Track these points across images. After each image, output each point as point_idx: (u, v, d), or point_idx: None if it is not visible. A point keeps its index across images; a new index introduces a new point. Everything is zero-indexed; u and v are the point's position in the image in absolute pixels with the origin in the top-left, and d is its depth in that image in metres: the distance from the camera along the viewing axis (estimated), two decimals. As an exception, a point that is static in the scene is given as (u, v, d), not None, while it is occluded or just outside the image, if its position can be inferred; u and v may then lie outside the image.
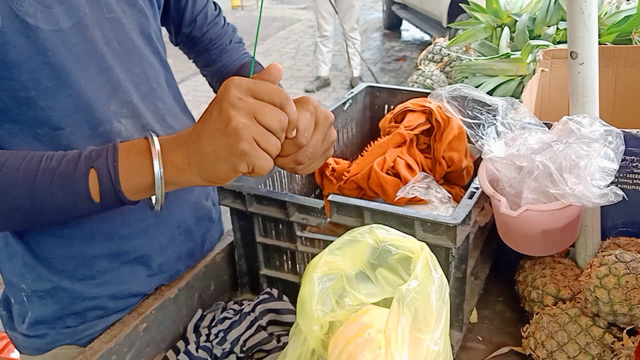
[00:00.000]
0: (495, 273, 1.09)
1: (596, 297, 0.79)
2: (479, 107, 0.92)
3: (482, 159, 0.90)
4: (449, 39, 1.79)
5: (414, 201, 1.08)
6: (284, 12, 9.34)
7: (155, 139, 0.69)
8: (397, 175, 1.14)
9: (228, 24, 1.11)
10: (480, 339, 0.96)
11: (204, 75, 1.12)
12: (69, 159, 0.69)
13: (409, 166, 1.15)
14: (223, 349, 0.86)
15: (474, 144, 0.91)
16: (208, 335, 0.89)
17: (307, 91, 5.92)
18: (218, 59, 1.08)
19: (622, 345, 0.79)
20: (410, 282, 0.61)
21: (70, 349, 0.86)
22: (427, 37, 6.44)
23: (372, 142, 1.25)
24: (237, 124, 0.63)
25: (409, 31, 7.56)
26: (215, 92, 1.11)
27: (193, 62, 1.12)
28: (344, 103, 1.31)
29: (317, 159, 0.76)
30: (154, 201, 0.71)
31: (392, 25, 7.76)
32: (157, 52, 0.91)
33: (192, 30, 1.05)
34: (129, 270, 0.88)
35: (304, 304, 0.68)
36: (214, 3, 1.10)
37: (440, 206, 1.02)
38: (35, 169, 0.68)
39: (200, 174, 0.67)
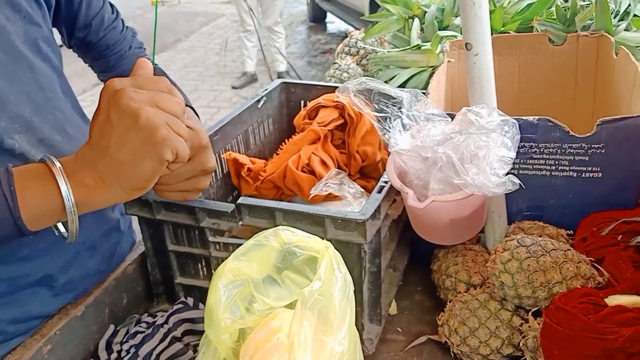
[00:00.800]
0: (413, 263, 1.11)
1: (501, 281, 0.82)
2: (385, 100, 0.93)
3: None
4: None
5: (330, 198, 1.08)
6: (207, 6, 9.15)
7: (54, 159, 0.65)
8: (312, 172, 1.13)
9: (127, 27, 1.06)
10: (400, 330, 0.98)
11: (101, 80, 1.07)
12: None
13: (323, 162, 1.14)
14: (135, 365, 0.83)
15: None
16: (119, 352, 0.86)
17: (233, 87, 5.84)
18: (117, 64, 1.02)
19: (529, 327, 0.82)
20: (314, 284, 0.60)
21: (-34, 379, 0.80)
22: (352, 30, 6.50)
23: (288, 139, 1.24)
24: (147, 114, 0.61)
25: (335, 23, 7.60)
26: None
27: (89, 66, 1.07)
28: (258, 101, 1.29)
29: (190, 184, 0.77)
30: (62, 230, 0.67)
31: (317, 18, 7.78)
32: (47, 58, 0.85)
33: (87, 34, 0.99)
34: (30, 292, 0.83)
35: (211, 313, 0.66)
36: (111, 5, 1.04)
37: (353, 201, 1.03)
38: None
39: (120, 185, 0.63)
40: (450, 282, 0.95)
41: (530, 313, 0.82)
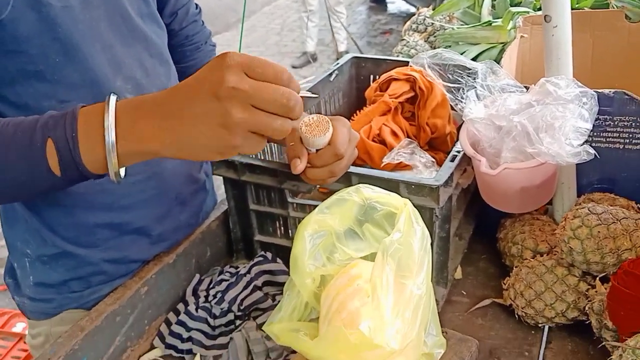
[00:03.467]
0: (478, 234, 1.14)
1: (570, 247, 0.84)
2: (459, 72, 0.96)
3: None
4: (433, 9, 1.82)
5: (400, 167, 1.13)
6: (268, -13, 9.23)
7: (112, 104, 0.63)
8: (383, 142, 1.17)
9: (205, 27, 1.13)
10: (465, 293, 1.02)
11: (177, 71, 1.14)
12: (25, 126, 0.64)
13: (394, 133, 1.18)
14: (221, 308, 0.91)
15: (457, 111, 0.95)
16: (207, 297, 0.94)
17: (294, 67, 5.91)
18: (192, 56, 1.09)
19: (596, 291, 0.84)
20: (394, 235, 0.66)
21: (77, 312, 0.90)
22: (412, 10, 6.42)
23: (358, 112, 1.28)
24: (233, 121, 0.59)
25: (395, 3, 7.52)
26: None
27: None
28: (330, 74, 1.34)
29: (342, 173, 0.80)
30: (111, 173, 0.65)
31: (378, -2, 7.71)
32: (155, 32, 0.94)
33: (172, 22, 1.05)
34: (130, 239, 0.92)
35: (296, 260, 0.72)
36: (196, 4, 1.12)
37: (424, 170, 1.07)
38: None
39: (169, 150, 0.63)
40: (517, 249, 0.98)
41: (597, 279, 0.84)
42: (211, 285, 0.96)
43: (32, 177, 0.64)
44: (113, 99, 0.64)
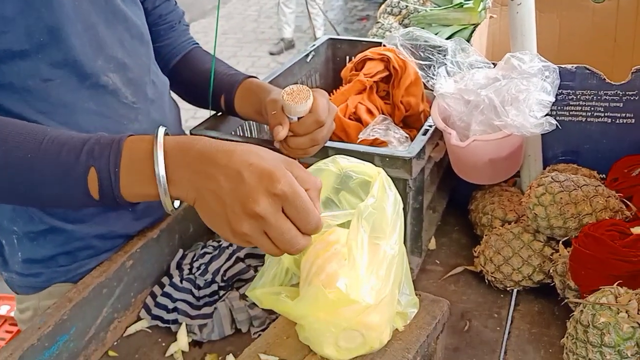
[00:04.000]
0: (451, 207, 1.19)
1: (535, 214, 0.89)
2: (430, 49, 1.00)
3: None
4: (407, -7, 1.85)
5: (375, 143, 1.17)
6: (244, -27, 9.16)
7: (160, 138, 0.64)
8: (359, 120, 1.21)
9: (178, 6, 1.13)
10: (438, 262, 1.07)
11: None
12: (70, 147, 0.67)
13: (369, 111, 1.22)
14: (205, 280, 0.94)
15: (430, 90, 0.99)
16: (190, 269, 0.97)
17: (271, 53, 5.90)
18: (166, 35, 1.09)
19: (559, 255, 0.89)
20: (368, 200, 0.69)
21: (64, 286, 0.93)
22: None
23: (335, 92, 1.32)
24: (240, 231, 0.61)
25: (372, -10, 7.54)
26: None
27: None
28: (307, 55, 1.37)
29: (323, 143, 0.84)
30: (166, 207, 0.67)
31: (355, -15, 7.71)
32: (136, 14, 0.96)
33: (145, 1, 1.05)
34: (116, 215, 0.95)
35: (277, 228, 0.76)
36: None
37: (399, 146, 1.11)
38: (35, 151, 0.66)
39: (192, 202, 0.64)
40: (487, 219, 1.03)
41: (560, 243, 0.89)
42: (195, 259, 0.99)
43: (69, 195, 0.68)
44: (161, 133, 0.65)
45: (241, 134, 1.14)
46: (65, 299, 0.84)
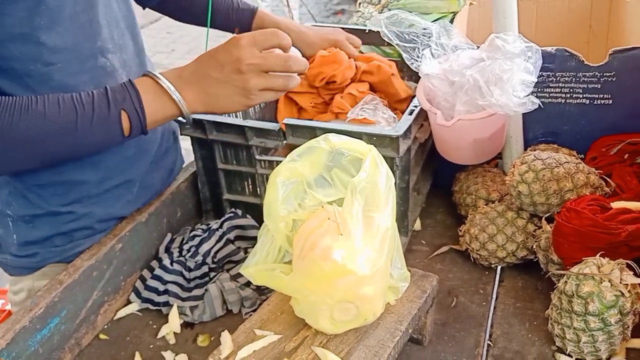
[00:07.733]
0: (435, 189, 1.21)
1: (519, 191, 0.92)
2: (415, 32, 1.02)
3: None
4: (386, -18, 1.87)
5: (364, 123, 1.18)
6: (218, -33, 9.07)
7: (160, 76, 0.81)
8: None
9: None
10: (424, 242, 1.09)
11: (153, 9, 1.16)
12: (99, 102, 0.78)
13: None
14: (196, 262, 0.94)
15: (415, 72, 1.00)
16: (180, 252, 0.97)
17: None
18: None
19: (542, 231, 0.92)
20: (361, 174, 0.71)
21: (58, 266, 0.92)
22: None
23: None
24: (252, 85, 0.81)
25: (346, -16, 7.55)
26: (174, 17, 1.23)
27: None
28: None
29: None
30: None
31: (329, -21, 7.72)
32: None
33: None
34: (112, 196, 0.95)
35: (270, 205, 0.76)
36: None
37: (386, 126, 1.12)
38: (74, 114, 0.77)
39: (206, 108, 0.83)
40: (471, 199, 1.06)
41: (543, 219, 0.92)
42: (184, 242, 0.99)
43: (107, 140, 0.82)
44: (156, 73, 0.82)
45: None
46: (56, 282, 0.83)
